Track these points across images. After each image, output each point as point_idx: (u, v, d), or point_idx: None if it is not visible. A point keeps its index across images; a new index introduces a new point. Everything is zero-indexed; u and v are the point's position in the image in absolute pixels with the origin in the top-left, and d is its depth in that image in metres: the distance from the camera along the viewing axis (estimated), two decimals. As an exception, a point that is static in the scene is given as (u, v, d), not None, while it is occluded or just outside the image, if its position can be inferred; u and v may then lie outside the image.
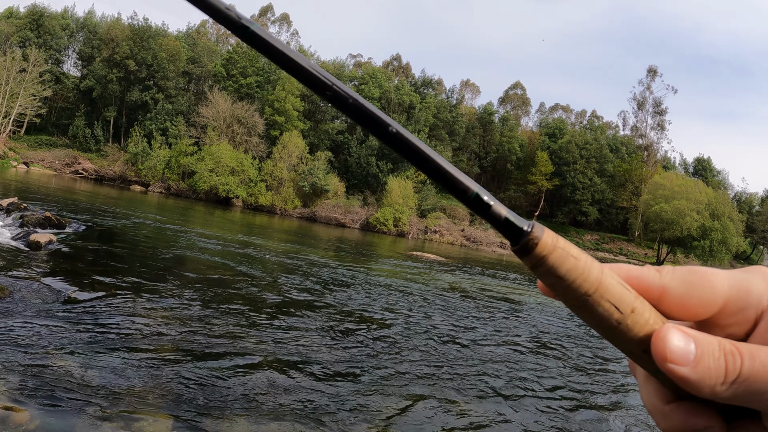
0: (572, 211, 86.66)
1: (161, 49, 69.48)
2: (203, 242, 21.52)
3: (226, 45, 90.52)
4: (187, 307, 10.20)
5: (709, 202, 72.73)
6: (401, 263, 28.35)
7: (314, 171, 65.20)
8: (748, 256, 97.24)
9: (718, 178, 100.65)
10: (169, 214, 35.43)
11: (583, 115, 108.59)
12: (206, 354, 7.71)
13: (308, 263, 20.55)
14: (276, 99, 68.83)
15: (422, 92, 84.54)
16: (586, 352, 12.17)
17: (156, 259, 15.60)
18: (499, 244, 69.55)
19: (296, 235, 38.82)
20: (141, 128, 65.83)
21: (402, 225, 64.54)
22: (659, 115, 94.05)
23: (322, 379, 7.55)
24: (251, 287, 13.49)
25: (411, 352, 9.81)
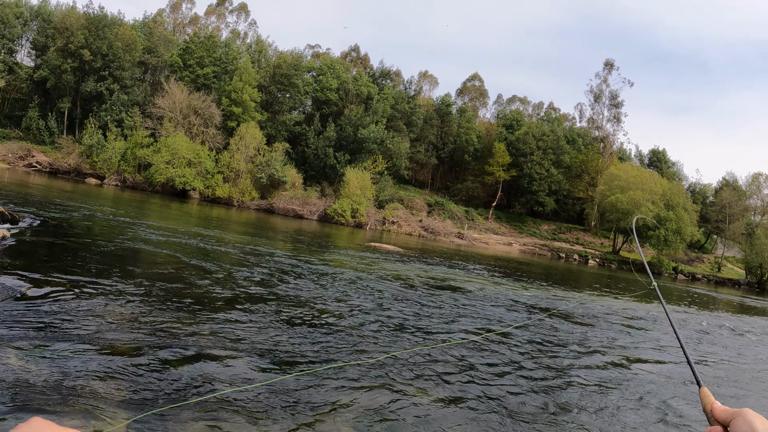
0: (529, 201, 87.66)
1: (117, 38, 68.62)
2: (159, 236, 21.59)
3: (182, 35, 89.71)
4: (142, 302, 10.29)
5: (663, 193, 73.86)
6: (359, 254, 28.64)
7: (272, 162, 65.09)
8: (702, 245, 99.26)
9: (672, 169, 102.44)
10: (124, 207, 35.27)
11: (540, 107, 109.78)
12: (161, 349, 7.76)
13: (265, 255, 20.74)
14: (233, 90, 68.51)
15: (380, 83, 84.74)
16: (536, 338, 12.54)
17: (111, 254, 15.68)
18: (457, 235, 70.16)
19: (254, 227, 38.94)
20: (96, 120, 64.99)
21: (360, 216, 64.78)
22: (615, 108, 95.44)
23: (276, 371, 7.70)
24: (206, 281, 13.65)
25: (364, 342, 10.06)
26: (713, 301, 39.12)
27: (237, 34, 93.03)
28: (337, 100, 77.42)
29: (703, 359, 13.56)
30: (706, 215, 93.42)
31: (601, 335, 14.96)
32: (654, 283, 5.15)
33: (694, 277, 75.03)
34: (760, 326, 24.12)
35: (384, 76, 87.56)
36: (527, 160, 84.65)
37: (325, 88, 76.97)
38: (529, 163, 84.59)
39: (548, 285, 28.78)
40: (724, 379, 11.79)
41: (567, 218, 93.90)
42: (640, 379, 10.34)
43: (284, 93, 76.39)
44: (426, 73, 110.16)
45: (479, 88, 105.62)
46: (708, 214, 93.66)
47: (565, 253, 74.97)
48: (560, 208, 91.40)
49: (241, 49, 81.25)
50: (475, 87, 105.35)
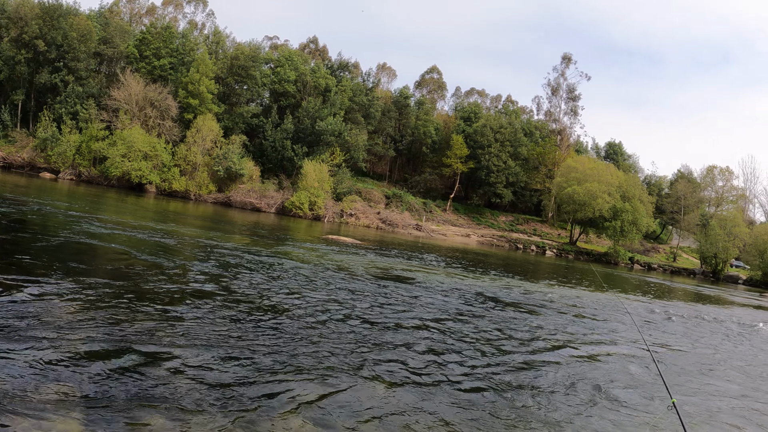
0: (487, 193, 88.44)
1: (72, 28, 67.69)
2: (113, 231, 21.65)
3: (139, 25, 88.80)
4: (95, 299, 10.33)
5: (620, 185, 75.11)
6: (316, 247, 28.91)
7: (229, 155, 64.96)
8: (658, 235, 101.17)
9: (628, 161, 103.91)
10: (79, 202, 35.10)
11: (498, 100, 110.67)
12: (113, 347, 7.82)
13: (220, 250, 20.91)
14: (190, 81, 67.98)
15: (338, 75, 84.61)
16: (487, 327, 12.83)
17: (63, 250, 15.71)
18: (415, 227, 70.65)
19: (210, 220, 38.89)
20: (50, 112, 64.24)
21: (318, 209, 64.94)
22: (572, 101, 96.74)
23: (228, 366, 7.83)
24: (159, 276, 13.74)
25: (316, 335, 10.28)
26: (669, 290, 40.09)
27: (194, 25, 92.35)
28: (295, 92, 77.27)
29: (660, 346, 14.01)
30: (662, 206, 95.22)
31: (552, 323, 15.45)
32: (673, 400, 5.61)
33: (650, 266, 76.54)
34: (716, 314, 24.89)
35: (342, 68, 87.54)
36: (485, 153, 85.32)
37: (283, 80, 76.73)
38: (486, 156, 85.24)
39: (506, 276, 29.29)
40: (677, 366, 12.23)
41: (524, 210, 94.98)
42: (582, 365, 10.70)
43: (242, 85, 76.07)
44: (384, 66, 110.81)
45: (438, 81, 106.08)
46: (663, 205, 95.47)
47: (523, 244, 75.89)
48: (518, 199, 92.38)
49: (198, 40, 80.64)
50: (433, 79, 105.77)
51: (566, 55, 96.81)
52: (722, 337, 18.44)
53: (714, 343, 16.76)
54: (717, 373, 12.42)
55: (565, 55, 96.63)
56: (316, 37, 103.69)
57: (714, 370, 12.72)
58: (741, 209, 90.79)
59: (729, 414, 9.11)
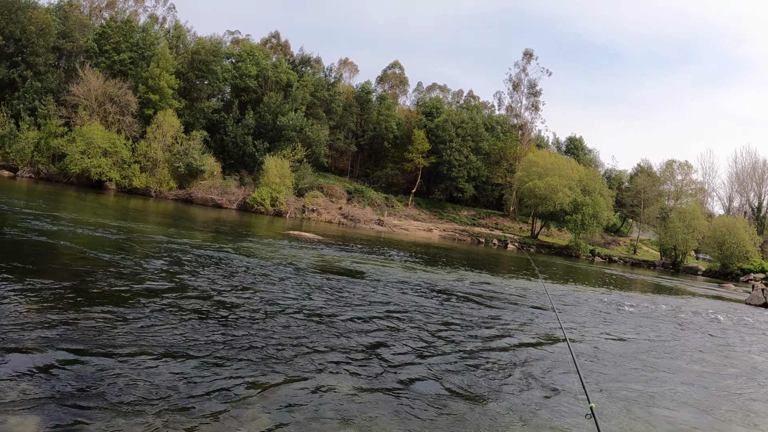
0: (449, 187, 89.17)
1: (30, 22, 66.86)
2: (71, 229, 21.62)
3: (99, 19, 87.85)
4: (51, 299, 10.29)
5: (580, 179, 76.20)
6: (278, 243, 29.08)
7: (189, 151, 64.79)
8: (618, 228, 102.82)
9: (589, 156, 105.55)
10: (38, 200, 34.84)
11: (459, 95, 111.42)
12: (70, 347, 7.80)
13: (181, 247, 20.90)
14: (150, 76, 67.60)
15: (300, 70, 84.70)
16: (442, 320, 13.09)
17: (21, 250, 15.63)
18: (377, 222, 71.07)
19: (171, 217, 38.84)
20: (8, 108, 63.32)
21: (279, 204, 65.13)
22: (534, 96, 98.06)
23: (191, 365, 7.86)
24: (118, 275, 13.68)
25: (276, 332, 10.38)
26: (628, 281, 40.94)
27: (155, 19, 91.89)
28: (256, 87, 77.21)
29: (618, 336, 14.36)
30: (622, 200, 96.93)
31: (509, 316, 15.82)
32: (591, 405, 5.57)
33: (611, 259, 77.71)
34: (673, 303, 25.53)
35: (304, 63, 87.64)
36: (446, 147, 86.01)
37: (245, 75, 76.64)
38: (448, 150, 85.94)
39: (467, 269, 29.72)
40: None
41: (486, 204, 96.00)
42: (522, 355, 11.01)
43: (202, 80, 75.83)
44: (346, 61, 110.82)
45: (399, 76, 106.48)
46: (624, 198, 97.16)
47: (485, 238, 76.65)
48: (479, 194, 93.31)
49: (159, 34, 80.00)
50: (395, 75, 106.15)
51: (528, 51, 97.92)
52: (673, 326, 18.97)
53: (656, 331, 17.23)
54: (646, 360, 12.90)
55: (527, 51, 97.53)
56: (278, 32, 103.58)
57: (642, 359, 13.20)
58: (700, 202, 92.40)
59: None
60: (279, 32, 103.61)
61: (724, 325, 21.41)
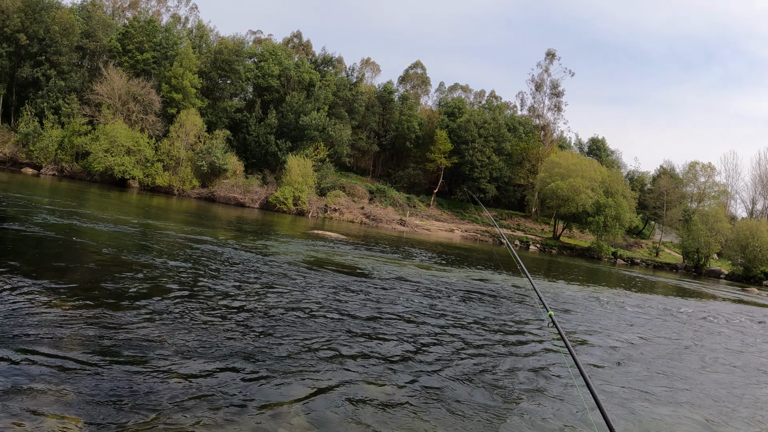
0: (471, 188, 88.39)
1: (54, 22, 67.17)
2: (96, 227, 21.52)
3: (122, 19, 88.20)
4: (81, 297, 10.22)
5: (603, 180, 75.39)
6: (301, 242, 28.89)
7: (212, 150, 64.75)
8: (641, 231, 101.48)
9: (611, 157, 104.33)
10: (62, 197, 34.90)
11: (481, 95, 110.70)
12: (103, 347, 7.74)
13: (207, 245, 20.75)
14: (173, 76, 67.72)
15: (322, 70, 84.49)
16: (467, 321, 12.76)
17: (48, 246, 15.56)
18: (399, 222, 70.71)
19: (194, 216, 38.77)
20: (32, 107, 63.62)
21: (302, 204, 64.94)
22: (556, 97, 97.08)
23: (222, 367, 7.77)
24: (143, 274, 13.56)
25: (309, 332, 10.26)
26: (649, 284, 40.30)
27: (178, 19, 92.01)
28: (278, 87, 77.10)
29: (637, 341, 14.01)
30: (644, 202, 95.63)
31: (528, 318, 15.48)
32: (550, 312, 5.69)
33: (633, 261, 76.73)
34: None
35: (326, 62, 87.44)
36: (469, 148, 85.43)
37: (267, 75, 76.54)
38: (470, 151, 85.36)
39: (490, 270, 29.29)
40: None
41: (508, 205, 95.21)
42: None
43: (225, 79, 75.87)
44: (368, 61, 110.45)
45: (421, 76, 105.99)
46: (646, 200, 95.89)
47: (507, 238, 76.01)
48: (501, 194, 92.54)
49: (181, 34, 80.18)
50: (417, 74, 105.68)
51: (550, 51, 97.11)
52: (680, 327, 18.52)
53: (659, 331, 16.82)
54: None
55: (549, 51, 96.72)
56: (300, 31, 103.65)
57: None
58: (723, 205, 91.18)
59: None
60: (301, 32, 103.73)
61: (749, 329, 20.90)
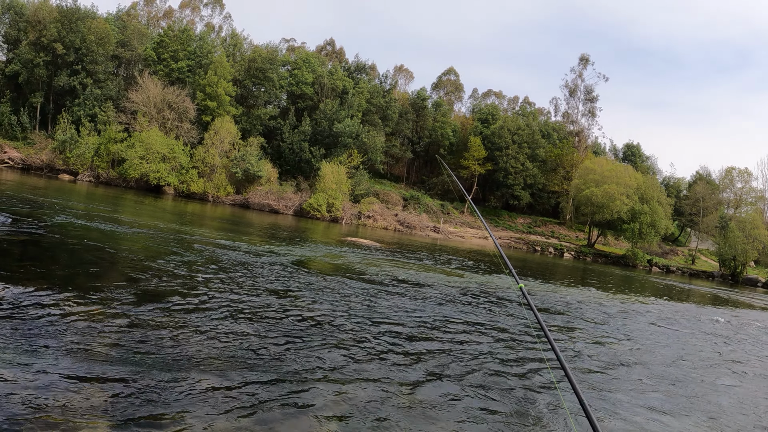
0: (505, 195, 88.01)
1: (90, 31, 67.87)
2: (134, 233, 21.53)
3: (156, 28, 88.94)
4: (119, 302, 10.16)
5: (638, 187, 74.52)
6: (336, 249, 28.66)
7: (247, 157, 64.95)
8: (676, 238, 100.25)
9: (647, 163, 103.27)
10: (98, 203, 35.12)
11: (515, 101, 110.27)
12: (140, 353, 7.69)
13: (241, 252, 20.62)
14: (208, 83, 68.13)
15: (355, 77, 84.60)
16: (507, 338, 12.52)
17: (86, 251, 15.49)
18: (433, 229, 70.38)
19: (229, 222, 38.74)
20: (69, 115, 64.34)
21: (335, 210, 64.83)
22: (590, 102, 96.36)
23: (256, 374, 7.65)
24: (184, 279, 13.50)
25: (348, 339, 10.12)
26: (684, 292, 39.53)
27: (211, 28, 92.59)
28: (312, 94, 77.25)
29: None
30: (680, 208, 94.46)
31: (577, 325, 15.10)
32: (521, 285, 5.76)
33: (669, 269, 75.62)
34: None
35: (359, 70, 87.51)
36: (502, 154, 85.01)
37: (301, 82, 76.74)
38: (504, 157, 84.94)
39: (524, 279, 28.89)
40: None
41: (542, 212, 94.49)
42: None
43: (259, 87, 76.08)
44: (401, 67, 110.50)
45: (455, 83, 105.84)
46: (682, 207, 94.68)
47: (541, 246, 75.48)
48: (535, 201, 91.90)
49: (215, 42, 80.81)
50: (450, 81, 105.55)
51: (584, 56, 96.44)
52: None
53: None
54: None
55: (583, 56, 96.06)
56: (333, 39, 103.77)
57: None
58: (760, 211, 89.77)
59: None
60: (334, 39, 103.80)
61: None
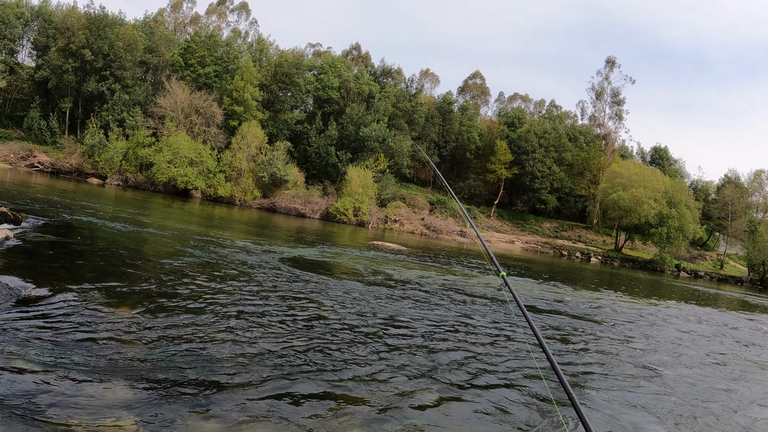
0: (531, 199, 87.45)
1: (118, 38, 68.57)
2: (162, 235, 21.49)
3: (183, 34, 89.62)
4: (148, 303, 10.15)
5: (666, 190, 73.72)
6: (362, 253, 28.51)
7: (273, 161, 65.10)
8: (705, 242, 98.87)
9: (674, 166, 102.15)
10: (127, 207, 35.16)
11: (541, 105, 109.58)
12: (168, 352, 7.67)
13: (269, 254, 20.56)
14: (235, 89, 68.55)
15: (381, 81, 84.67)
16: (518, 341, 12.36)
17: (114, 253, 15.48)
18: (459, 233, 70.07)
19: (256, 226, 38.73)
20: (97, 119, 65.00)
21: (362, 214, 64.78)
22: (617, 105, 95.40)
23: (283, 375, 7.58)
24: (211, 282, 13.42)
25: (380, 344, 9.91)
26: (710, 297, 38.92)
27: (238, 33, 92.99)
28: (338, 99, 77.38)
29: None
30: (709, 212, 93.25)
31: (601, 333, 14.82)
32: (503, 273, 5.74)
33: (697, 274, 74.67)
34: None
35: (385, 74, 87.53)
36: (529, 158, 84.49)
37: (327, 87, 76.92)
38: (531, 161, 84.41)
39: (553, 284, 28.70)
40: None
41: (569, 216, 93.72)
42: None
43: (286, 92, 76.35)
44: (427, 71, 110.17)
45: (481, 86, 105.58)
46: (710, 211, 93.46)
47: (568, 250, 74.92)
48: (562, 205, 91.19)
49: (242, 48, 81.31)
50: (476, 85, 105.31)
51: (610, 59, 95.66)
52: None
53: None
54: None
55: (609, 58, 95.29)
56: (359, 43, 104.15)
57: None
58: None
59: None
60: (360, 44, 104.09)
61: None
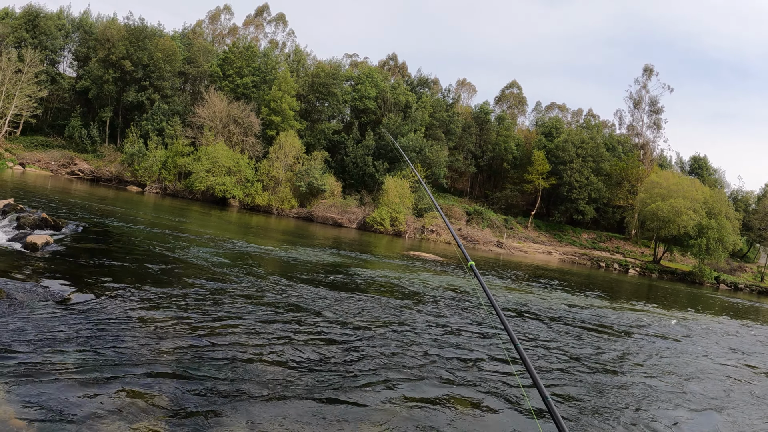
0: (569, 209, 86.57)
1: (157, 49, 69.44)
2: (200, 242, 21.54)
3: (222, 45, 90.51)
4: (185, 308, 10.20)
5: (705, 201, 72.49)
6: (400, 263, 28.43)
7: (311, 171, 65.21)
8: (745, 254, 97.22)
9: (714, 176, 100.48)
10: (165, 214, 35.50)
11: (579, 114, 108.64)
12: (204, 357, 7.65)
13: (307, 264, 20.55)
14: (272, 99, 68.89)
15: (418, 91, 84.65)
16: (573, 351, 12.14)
17: (153, 260, 15.61)
18: (496, 244, 69.65)
19: (293, 235, 38.87)
20: (137, 129, 65.83)
21: (399, 224, 64.59)
22: (655, 114, 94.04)
23: (313, 382, 7.55)
24: (249, 288, 13.47)
25: (420, 355, 9.94)
26: (756, 311, 38.14)
27: (275, 44, 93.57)
28: (375, 109, 77.42)
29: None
30: (749, 223, 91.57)
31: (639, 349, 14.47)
32: (471, 263, 5.73)
33: (737, 286, 73.29)
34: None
35: (422, 84, 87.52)
36: (566, 168, 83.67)
37: (364, 97, 77.03)
38: (568, 171, 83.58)
39: (590, 296, 28.37)
40: None
41: (607, 227, 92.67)
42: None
43: (323, 102, 76.64)
44: (464, 81, 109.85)
45: (517, 96, 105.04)
46: (750, 221, 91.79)
47: (605, 262, 73.93)
48: (600, 216, 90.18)
49: (279, 58, 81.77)
50: (513, 94, 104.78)
51: (648, 67, 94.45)
52: None
53: None
54: None
55: (647, 66, 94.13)
56: (395, 54, 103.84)
57: None
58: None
59: None
60: (396, 54, 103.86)
61: None
